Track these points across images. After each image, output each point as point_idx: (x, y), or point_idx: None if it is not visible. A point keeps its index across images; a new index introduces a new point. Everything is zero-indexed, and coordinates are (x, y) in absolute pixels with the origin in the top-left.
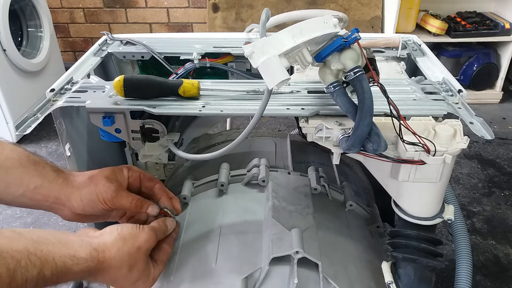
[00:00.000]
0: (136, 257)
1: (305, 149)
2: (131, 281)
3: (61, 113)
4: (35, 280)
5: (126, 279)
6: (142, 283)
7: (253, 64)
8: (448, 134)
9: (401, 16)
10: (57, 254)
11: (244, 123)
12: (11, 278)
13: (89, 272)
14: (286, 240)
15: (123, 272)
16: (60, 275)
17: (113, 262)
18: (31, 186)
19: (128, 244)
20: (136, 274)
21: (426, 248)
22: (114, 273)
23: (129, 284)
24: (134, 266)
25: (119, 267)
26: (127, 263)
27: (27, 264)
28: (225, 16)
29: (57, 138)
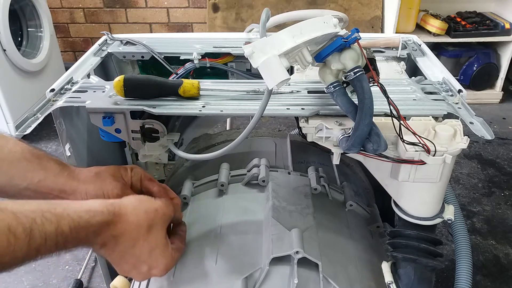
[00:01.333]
0: (154, 218)
1: (305, 149)
2: (150, 246)
3: (61, 113)
4: (54, 236)
5: (145, 242)
6: (160, 253)
7: (253, 64)
8: (448, 134)
9: (401, 16)
10: (71, 210)
11: (244, 123)
12: (29, 236)
13: (108, 225)
14: (286, 240)
15: (142, 231)
16: (79, 229)
17: (130, 217)
18: (35, 180)
19: (144, 204)
20: (154, 238)
21: (426, 248)
22: (133, 230)
23: (147, 251)
24: (153, 227)
25: (137, 224)
26: (145, 221)
27: (43, 221)
28: (225, 16)
29: (57, 138)
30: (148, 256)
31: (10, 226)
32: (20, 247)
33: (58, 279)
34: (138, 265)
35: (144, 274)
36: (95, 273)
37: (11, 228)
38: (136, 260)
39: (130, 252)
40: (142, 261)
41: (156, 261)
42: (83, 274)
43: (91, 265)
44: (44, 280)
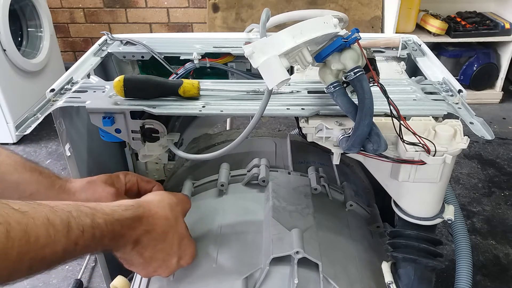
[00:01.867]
0: (177, 210)
1: (305, 149)
2: (179, 236)
3: (61, 113)
4: (90, 229)
5: (175, 233)
6: (187, 242)
7: (253, 64)
8: (448, 134)
9: (401, 16)
10: (104, 205)
11: (244, 123)
12: (67, 228)
13: (140, 218)
14: (286, 240)
15: (170, 223)
16: (114, 222)
17: (159, 211)
18: (27, 193)
19: (166, 199)
20: (181, 229)
21: (426, 248)
22: (163, 224)
23: (177, 240)
24: (178, 218)
25: (165, 217)
26: (171, 214)
27: (79, 214)
28: (225, 16)
29: (57, 138)
30: (178, 246)
31: (48, 218)
32: (59, 238)
33: (58, 279)
34: (168, 259)
35: (173, 266)
36: (95, 273)
37: (50, 219)
38: (166, 254)
39: (161, 247)
40: (172, 253)
41: (184, 251)
42: (83, 274)
43: (91, 265)
44: (44, 280)
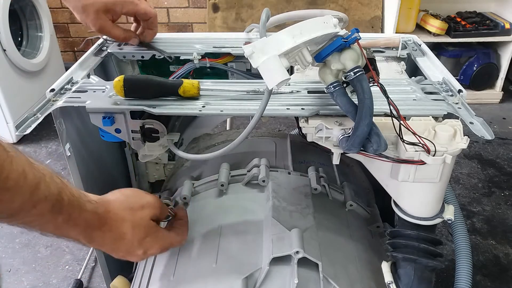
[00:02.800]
0: (140, 215)
1: (305, 149)
2: (139, 237)
3: (61, 113)
4: (54, 199)
5: (133, 236)
6: (152, 239)
7: (253, 64)
8: (448, 134)
9: (401, 16)
10: (74, 188)
11: (244, 123)
12: (35, 187)
13: (99, 217)
14: (286, 240)
15: (128, 226)
16: (75, 206)
17: (118, 212)
18: None
19: (130, 200)
20: (142, 231)
21: (426, 248)
22: (120, 225)
23: (137, 240)
24: (140, 220)
25: (122, 219)
26: (132, 216)
27: (51, 181)
28: (225, 16)
29: (57, 138)
30: (139, 244)
31: (24, 168)
32: (24, 191)
33: (58, 279)
34: (132, 251)
35: (141, 256)
36: (95, 273)
37: (25, 170)
38: (128, 248)
39: (120, 244)
40: (134, 248)
41: (148, 245)
42: (83, 274)
43: (91, 265)
44: (44, 280)
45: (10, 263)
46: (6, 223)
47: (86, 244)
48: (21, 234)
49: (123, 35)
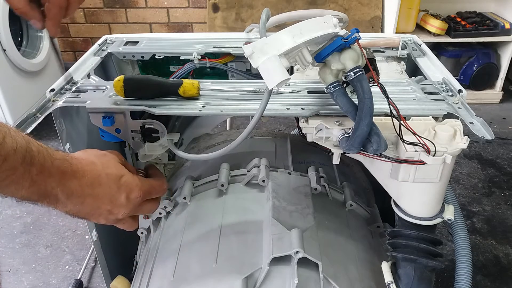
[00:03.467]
0: (104, 158)
1: (305, 149)
2: (114, 176)
3: (61, 113)
4: (23, 150)
5: (108, 177)
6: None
7: (253, 64)
8: (448, 134)
9: (401, 16)
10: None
11: (244, 123)
12: (1, 140)
13: (70, 164)
14: (286, 240)
15: (99, 167)
16: (45, 155)
17: (85, 157)
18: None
19: (91, 151)
20: (114, 170)
21: (426, 248)
22: (92, 168)
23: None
24: (108, 162)
25: (91, 162)
26: (98, 160)
27: (16, 134)
28: (225, 16)
29: (57, 138)
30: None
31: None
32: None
33: (58, 279)
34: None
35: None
36: (95, 273)
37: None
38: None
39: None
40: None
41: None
42: (83, 274)
43: (91, 265)
44: (44, 280)
45: (10, 263)
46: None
47: (66, 202)
48: (21, 234)
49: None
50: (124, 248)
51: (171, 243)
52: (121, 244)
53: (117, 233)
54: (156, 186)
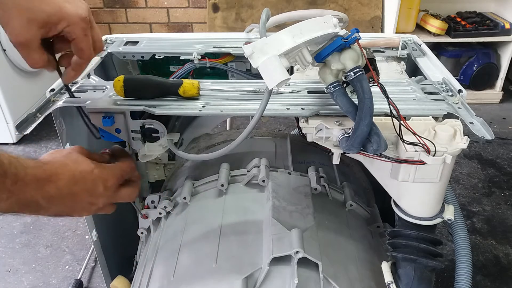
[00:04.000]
0: (72, 156)
1: (305, 149)
2: (86, 171)
3: (61, 113)
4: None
5: (82, 173)
6: (100, 171)
7: (253, 64)
8: (448, 134)
9: (401, 16)
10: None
11: (244, 123)
12: None
13: (43, 170)
14: (286, 240)
15: (71, 167)
16: (18, 166)
17: (55, 162)
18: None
19: (57, 153)
20: (83, 165)
21: (426, 248)
22: (64, 170)
23: (88, 174)
24: (77, 160)
25: (62, 163)
26: (68, 160)
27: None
28: (225, 16)
29: (57, 138)
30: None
31: None
32: None
33: (58, 279)
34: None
35: (104, 192)
36: (95, 273)
37: None
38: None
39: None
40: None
41: (101, 176)
42: (83, 274)
43: (91, 265)
44: (44, 280)
45: (10, 263)
46: None
47: (48, 206)
48: (21, 234)
49: (42, 63)
50: (124, 248)
51: (171, 243)
52: (121, 244)
53: (117, 233)
54: (126, 168)
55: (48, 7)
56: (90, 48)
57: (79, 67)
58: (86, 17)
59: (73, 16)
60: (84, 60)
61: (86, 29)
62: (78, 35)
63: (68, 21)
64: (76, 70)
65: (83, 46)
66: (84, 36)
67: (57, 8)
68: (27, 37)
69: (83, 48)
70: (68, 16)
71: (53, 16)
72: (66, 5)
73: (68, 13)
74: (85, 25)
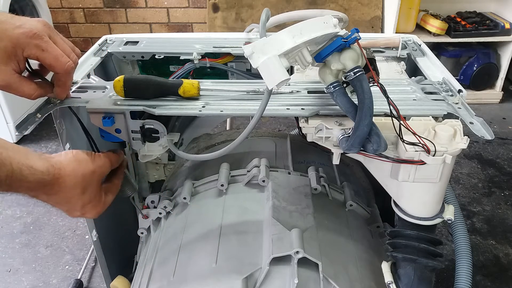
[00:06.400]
0: (90, 180)
1: (305, 149)
2: (83, 202)
3: (61, 113)
4: None
5: (79, 200)
6: (92, 206)
7: (253, 64)
8: (448, 134)
9: (401, 16)
10: (15, 161)
11: (244, 123)
12: None
13: (44, 186)
14: (286, 240)
15: (77, 192)
16: (14, 180)
17: (67, 180)
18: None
19: (82, 166)
20: (88, 196)
21: (426, 248)
22: (68, 192)
23: (80, 205)
24: (88, 188)
25: (73, 187)
26: (81, 184)
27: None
28: (225, 16)
29: (57, 138)
30: (81, 208)
31: None
32: None
33: (58, 279)
34: (71, 211)
35: (77, 216)
36: (95, 273)
37: None
38: (68, 207)
39: (63, 203)
40: (74, 209)
41: (87, 211)
42: (83, 274)
43: (91, 265)
44: (44, 280)
45: (10, 263)
46: None
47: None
48: (21, 234)
49: (37, 91)
50: (124, 248)
51: (171, 243)
52: (121, 244)
53: (117, 233)
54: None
55: (1, 42)
56: (59, 60)
57: (60, 82)
58: (35, 33)
59: (21, 39)
60: (61, 73)
61: (40, 45)
62: (36, 53)
63: (21, 46)
64: (60, 85)
65: (48, 62)
66: (42, 52)
67: (7, 39)
68: (1, 79)
69: (50, 63)
70: (18, 41)
71: (7, 48)
72: (15, 31)
73: (17, 38)
74: (37, 41)
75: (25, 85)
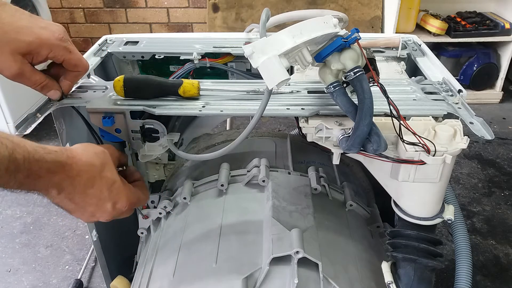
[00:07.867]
0: (103, 157)
1: (305, 149)
2: (108, 181)
3: (61, 113)
4: (6, 161)
5: (102, 179)
6: (119, 186)
7: (253, 64)
8: (448, 134)
9: (401, 16)
10: (28, 143)
11: (244, 123)
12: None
13: (63, 166)
14: (286, 240)
15: (96, 170)
16: (32, 161)
17: (83, 158)
18: None
19: (91, 146)
20: (110, 174)
21: (426, 248)
22: (88, 170)
23: (106, 185)
24: (105, 165)
25: (90, 163)
26: (97, 160)
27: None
28: (225, 16)
29: (57, 138)
30: (109, 191)
31: None
32: None
33: (58, 279)
34: (101, 204)
35: (110, 211)
36: (95, 273)
37: None
38: (98, 199)
39: (91, 193)
40: (104, 198)
41: (117, 195)
42: (83, 274)
43: (91, 265)
44: (44, 280)
45: (10, 263)
46: None
47: (55, 196)
48: (21, 234)
49: (44, 82)
50: (124, 248)
51: (171, 243)
52: (121, 244)
53: (117, 233)
54: (142, 200)
55: (27, 37)
56: (82, 61)
57: (76, 78)
58: (63, 37)
59: (52, 40)
60: (83, 72)
61: (68, 47)
62: (64, 55)
63: (49, 46)
64: (70, 80)
65: (75, 62)
66: (70, 53)
67: (34, 36)
68: (17, 67)
69: (76, 63)
70: (47, 41)
71: (33, 44)
72: (42, 32)
73: (47, 38)
74: (66, 44)
75: (37, 74)
